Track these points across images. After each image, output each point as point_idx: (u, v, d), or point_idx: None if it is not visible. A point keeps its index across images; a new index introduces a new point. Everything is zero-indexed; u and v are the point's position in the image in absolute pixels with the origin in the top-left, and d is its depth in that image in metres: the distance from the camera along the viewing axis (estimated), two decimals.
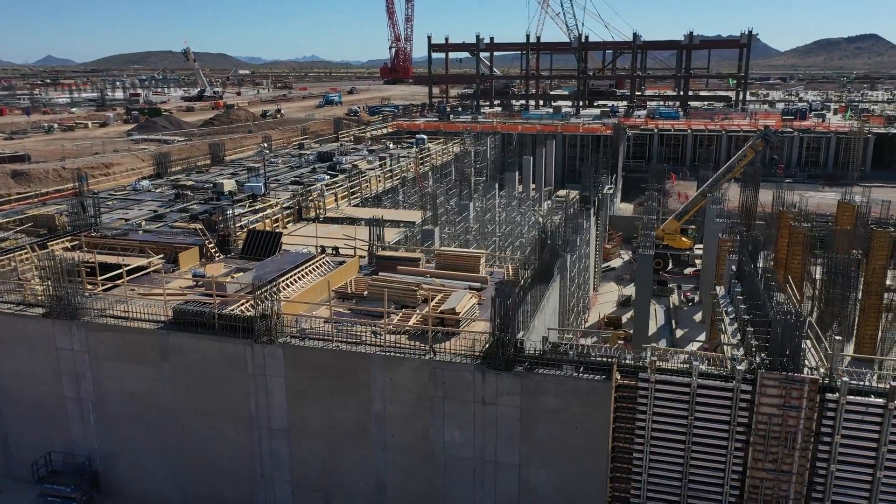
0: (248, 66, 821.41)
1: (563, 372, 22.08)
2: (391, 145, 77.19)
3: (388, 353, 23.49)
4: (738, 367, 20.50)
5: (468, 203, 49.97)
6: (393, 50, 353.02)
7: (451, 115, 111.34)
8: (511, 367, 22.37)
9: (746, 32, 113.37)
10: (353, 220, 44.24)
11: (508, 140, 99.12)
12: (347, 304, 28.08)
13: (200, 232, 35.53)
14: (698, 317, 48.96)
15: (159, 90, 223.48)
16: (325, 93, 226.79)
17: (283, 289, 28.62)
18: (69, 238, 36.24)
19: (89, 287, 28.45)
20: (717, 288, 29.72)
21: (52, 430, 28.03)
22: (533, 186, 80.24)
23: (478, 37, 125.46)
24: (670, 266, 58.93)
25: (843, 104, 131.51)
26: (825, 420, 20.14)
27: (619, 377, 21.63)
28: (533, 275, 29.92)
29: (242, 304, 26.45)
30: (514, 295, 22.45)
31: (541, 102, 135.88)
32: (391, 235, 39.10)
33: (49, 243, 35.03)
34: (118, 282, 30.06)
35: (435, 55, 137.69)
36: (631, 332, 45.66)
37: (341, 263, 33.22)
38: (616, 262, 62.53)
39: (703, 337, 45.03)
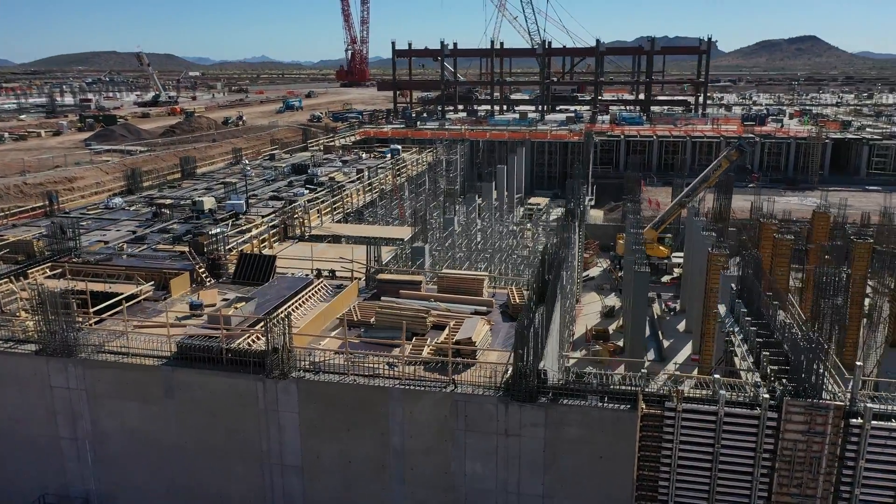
0: (196, 67, 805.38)
1: (587, 402, 22.01)
2: (364, 155, 76.46)
3: (407, 387, 23.07)
4: (763, 395, 20.71)
5: (453, 217, 49.75)
6: (349, 53, 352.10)
7: (418, 122, 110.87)
8: (534, 398, 22.20)
9: (706, 39, 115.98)
10: (337, 238, 43.63)
11: (476, 147, 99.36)
12: (355, 332, 27.51)
13: (190, 256, 34.44)
14: (682, 326, 49.68)
15: (110, 95, 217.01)
16: (283, 97, 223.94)
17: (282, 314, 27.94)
18: (49, 265, 34.74)
19: (82, 320, 27.25)
20: (720, 307, 30.08)
21: (46, 471, 26.76)
22: (506, 194, 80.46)
23: (442, 43, 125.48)
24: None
25: (797, 108, 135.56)
26: (849, 445, 20.49)
27: (644, 406, 21.64)
28: (539, 297, 29.89)
29: (249, 337, 25.71)
30: (534, 325, 22.28)
31: (504, 107, 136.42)
32: (382, 255, 38.62)
33: (29, 271, 33.52)
34: (111, 313, 28.95)
35: (397, 59, 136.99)
36: (619, 343, 46.18)
37: (339, 287, 32.65)
38: (594, 272, 63.12)
39: (689, 346, 45.73)
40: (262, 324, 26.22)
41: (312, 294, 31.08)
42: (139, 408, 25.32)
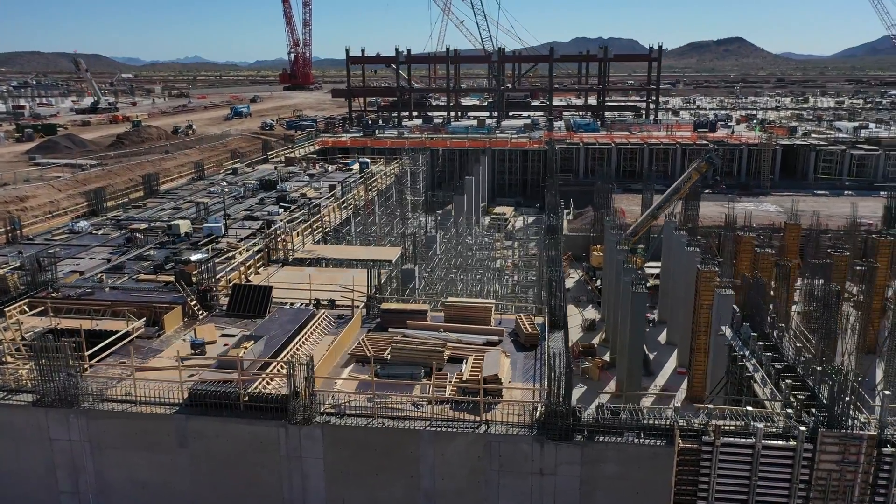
0: (127, 69, 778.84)
1: (623, 439, 21.95)
2: (329, 168, 75.15)
3: (439, 429, 22.54)
4: (800, 428, 21.04)
5: (435, 235, 49.31)
6: (292, 56, 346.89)
7: (377, 131, 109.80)
8: (570, 436, 22.01)
9: (656, 47, 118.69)
10: (318, 261, 42.64)
11: (437, 156, 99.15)
12: (370, 369, 26.76)
13: (179, 288, 33.00)
14: (663, 337, 50.45)
15: (45, 101, 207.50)
16: (228, 102, 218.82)
17: (289, 356, 27.03)
18: (27, 301, 32.76)
19: (79, 365, 25.71)
20: (725, 328, 30.50)
21: None
22: (473, 205, 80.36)
23: (397, 50, 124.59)
24: None
25: (742, 114, 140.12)
26: (881, 473, 21.02)
27: (681, 442, 21.70)
28: (552, 325, 29.82)
29: (264, 380, 24.74)
30: (569, 361, 22.11)
31: (458, 114, 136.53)
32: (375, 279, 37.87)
33: (6, 309, 31.51)
34: (105, 354, 27.49)
35: (340, 64, 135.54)
36: (606, 358, 46.55)
37: (341, 318, 31.89)
38: (568, 283, 63.50)
39: (674, 358, 46.46)
40: (272, 365, 25.35)
41: (316, 327, 30.20)
42: (149, 458, 24.03)
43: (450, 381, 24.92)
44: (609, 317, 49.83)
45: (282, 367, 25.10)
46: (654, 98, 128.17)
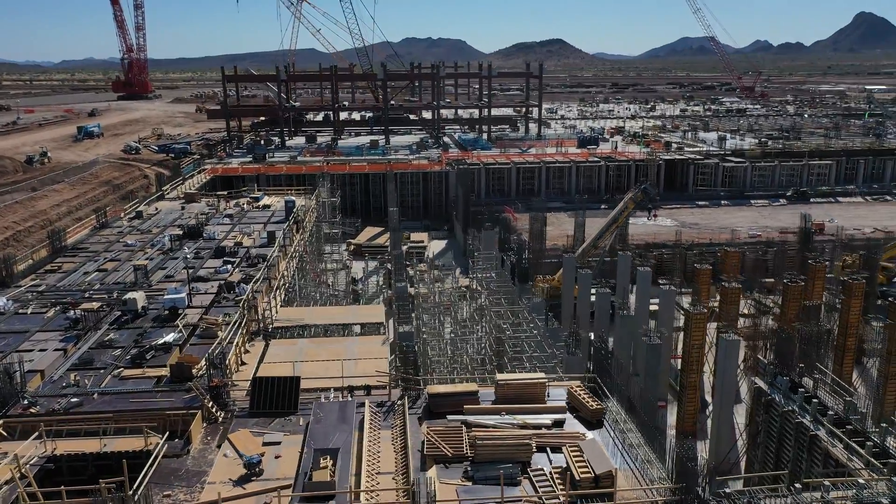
0: None
1: None
2: (245, 205, 70.09)
3: None
4: None
5: (405, 285, 47.46)
6: (125, 62, 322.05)
7: (267, 155, 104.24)
8: None
9: (538, 65, 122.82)
10: (303, 328, 39.65)
11: (334, 180, 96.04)
12: (456, 470, 25.00)
13: (196, 391, 29.07)
14: None
15: None
16: (62, 115, 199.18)
17: (369, 467, 24.79)
18: (1, 425, 27.38)
19: None
20: (758, 380, 31.79)
21: None
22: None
23: (277, 68, 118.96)
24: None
25: (611, 126, 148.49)
26: None
27: None
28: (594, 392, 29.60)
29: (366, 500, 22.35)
30: (695, 448, 21.93)
31: (341, 132, 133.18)
32: (375, 346, 35.75)
33: None
34: (138, 485, 23.51)
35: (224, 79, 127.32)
36: None
37: (382, 406, 29.71)
38: None
39: None
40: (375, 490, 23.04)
41: (370, 423, 27.86)
42: None
43: (558, 481, 23.80)
44: None
45: (374, 480, 22.85)
46: (532, 113, 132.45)
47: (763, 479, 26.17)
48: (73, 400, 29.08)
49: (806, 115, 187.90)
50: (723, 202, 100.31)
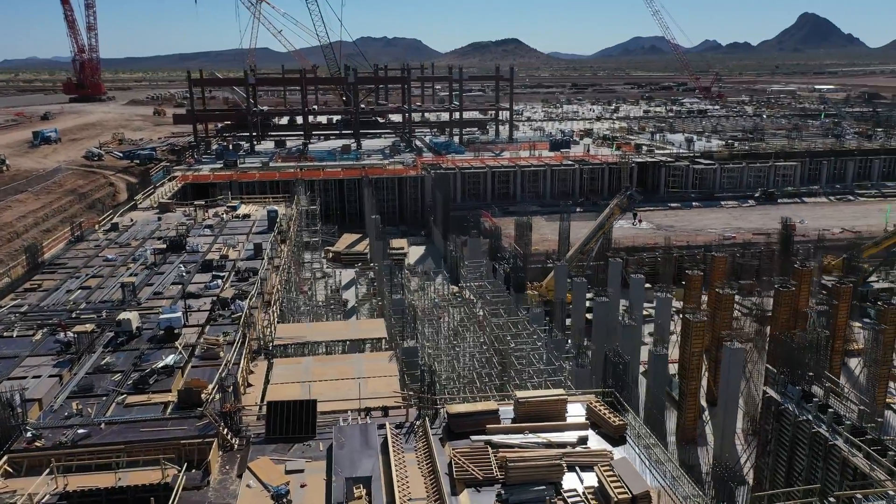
0: None
1: None
2: (224, 215, 68.53)
3: None
4: None
5: (401, 296, 46.91)
6: (77, 64, 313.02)
7: (238, 161, 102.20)
8: None
9: (508, 69, 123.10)
10: (302, 345, 38.90)
11: (308, 187, 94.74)
12: (487, 493, 24.66)
13: (210, 418, 28.10)
14: None
15: None
16: (13, 119, 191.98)
17: (402, 493, 24.28)
18: (5, 460, 26.05)
19: None
20: (768, 390, 32.19)
21: None
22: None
23: (245, 72, 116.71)
24: None
25: (579, 128, 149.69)
26: None
27: None
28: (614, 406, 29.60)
29: None
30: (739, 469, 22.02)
31: (310, 136, 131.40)
32: (382, 363, 35.14)
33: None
34: None
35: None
36: None
37: (402, 428, 29.20)
38: None
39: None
40: None
41: (394, 446, 27.31)
42: None
43: (593, 502, 23.64)
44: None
45: None
46: (503, 116, 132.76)
47: (791, 495, 26.45)
48: (79, 431, 27.82)
49: (765, 116, 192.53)
50: (694, 204, 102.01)
